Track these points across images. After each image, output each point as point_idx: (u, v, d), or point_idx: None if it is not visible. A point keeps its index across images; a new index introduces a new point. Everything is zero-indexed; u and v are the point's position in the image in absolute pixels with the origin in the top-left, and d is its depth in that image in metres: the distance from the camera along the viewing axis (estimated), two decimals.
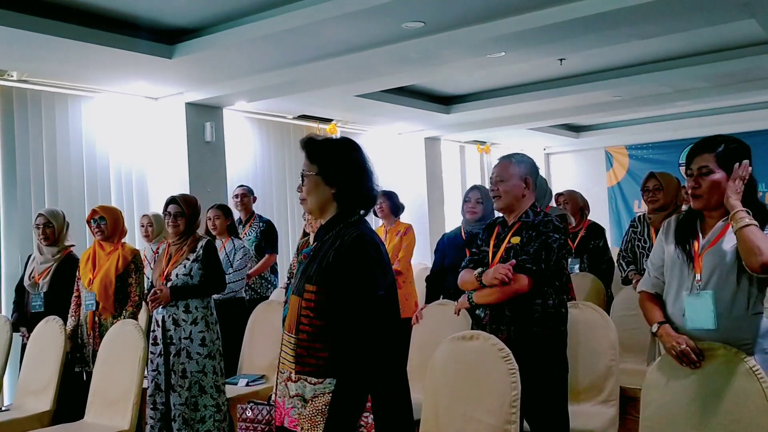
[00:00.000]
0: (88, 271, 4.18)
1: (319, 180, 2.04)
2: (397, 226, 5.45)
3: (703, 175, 2.29)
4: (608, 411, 3.17)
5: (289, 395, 1.97)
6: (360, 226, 2.02)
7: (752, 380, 2.10)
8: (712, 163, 2.28)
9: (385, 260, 2.00)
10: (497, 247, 2.93)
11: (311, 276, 1.98)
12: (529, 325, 2.78)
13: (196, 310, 3.69)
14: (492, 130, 9.45)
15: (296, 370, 1.95)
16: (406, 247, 5.34)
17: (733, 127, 9.90)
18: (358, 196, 2.06)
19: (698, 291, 2.25)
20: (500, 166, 2.98)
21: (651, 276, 2.52)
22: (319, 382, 1.90)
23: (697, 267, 2.28)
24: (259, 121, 7.51)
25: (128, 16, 4.71)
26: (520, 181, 2.92)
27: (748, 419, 2.08)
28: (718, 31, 5.47)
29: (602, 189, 11.97)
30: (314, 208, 2.08)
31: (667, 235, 2.47)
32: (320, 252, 2.01)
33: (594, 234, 5.07)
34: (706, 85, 7.53)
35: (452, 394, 2.66)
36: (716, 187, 2.27)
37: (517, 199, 2.92)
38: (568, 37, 4.89)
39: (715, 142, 2.32)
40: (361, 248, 1.94)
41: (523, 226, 2.90)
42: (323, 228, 2.08)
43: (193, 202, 3.83)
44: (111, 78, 5.62)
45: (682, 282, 2.32)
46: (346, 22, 4.52)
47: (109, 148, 6.14)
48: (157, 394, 3.62)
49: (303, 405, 1.92)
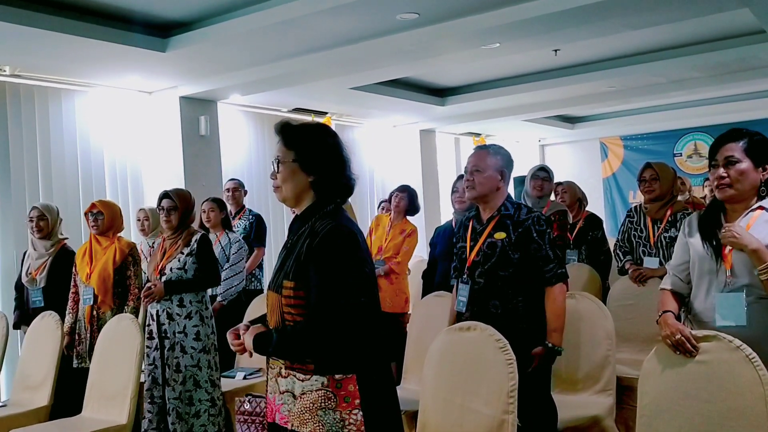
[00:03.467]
0: (86, 266, 4.18)
1: (296, 167, 1.94)
2: (404, 224, 5.37)
3: (731, 164, 2.27)
4: (605, 400, 3.19)
5: (279, 391, 1.93)
6: (336, 216, 1.93)
7: (749, 368, 2.10)
8: (739, 153, 2.27)
9: (363, 250, 1.91)
10: (474, 242, 2.90)
11: (288, 272, 1.91)
12: (514, 321, 2.78)
13: (190, 304, 3.69)
14: (487, 121, 9.44)
15: (286, 365, 1.91)
16: (407, 250, 5.28)
17: (727, 117, 9.93)
18: (335, 185, 1.97)
19: (730, 287, 2.23)
20: (477, 155, 2.93)
21: (671, 275, 2.52)
22: (307, 378, 1.86)
23: (726, 263, 2.26)
24: (254, 114, 7.49)
25: (121, 10, 4.68)
26: (495, 173, 2.87)
27: (744, 408, 2.09)
28: (711, 20, 5.46)
29: (597, 180, 11.98)
30: (290, 197, 1.98)
31: (691, 232, 2.44)
32: (296, 245, 1.94)
33: (592, 225, 5.07)
34: (700, 75, 7.54)
35: (449, 385, 2.67)
36: (745, 175, 2.26)
37: (492, 191, 2.88)
38: (562, 27, 4.88)
39: (740, 134, 2.31)
40: (337, 240, 1.85)
41: (504, 220, 2.85)
42: (298, 219, 2.00)
43: (186, 196, 3.82)
44: (104, 72, 5.60)
45: (713, 278, 2.29)
46: (341, 14, 4.50)
47: (104, 143, 6.11)
48: (155, 388, 3.63)
49: (293, 401, 1.88)
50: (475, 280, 2.85)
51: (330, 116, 8.16)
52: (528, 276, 2.80)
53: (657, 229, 4.13)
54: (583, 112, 10.49)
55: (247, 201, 5.85)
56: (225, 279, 4.65)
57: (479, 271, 2.85)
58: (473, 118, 9.04)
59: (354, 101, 7.52)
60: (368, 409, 1.86)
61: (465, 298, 2.88)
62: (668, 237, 4.03)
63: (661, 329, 2.31)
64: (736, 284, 2.23)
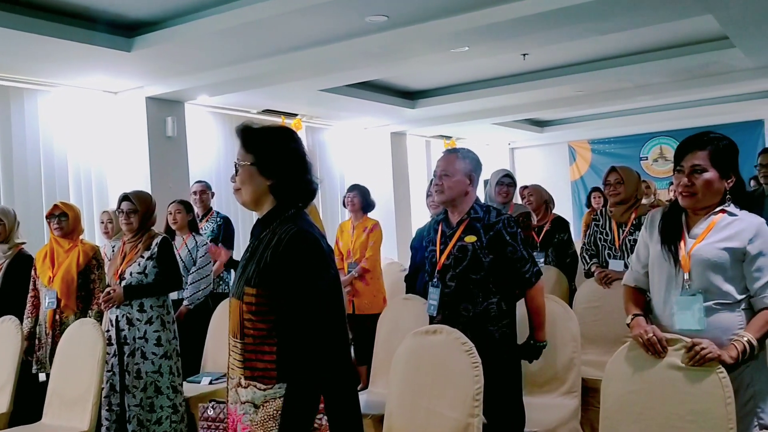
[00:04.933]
0: (47, 269, 4.09)
1: (254, 171, 1.91)
2: (365, 222, 5.46)
3: (696, 173, 2.24)
4: (570, 402, 3.21)
5: (240, 401, 1.89)
6: (297, 221, 1.89)
7: (709, 371, 2.13)
8: (704, 162, 2.24)
9: (326, 254, 1.89)
10: (444, 245, 2.90)
11: (250, 278, 1.87)
12: (485, 324, 2.79)
13: (151, 309, 3.62)
14: (457, 124, 9.48)
15: (245, 375, 1.87)
16: (373, 245, 5.36)
17: (691, 121, 10.13)
18: (296, 189, 1.94)
19: (688, 291, 2.24)
20: (445, 159, 2.93)
21: (633, 270, 2.52)
22: (268, 387, 1.83)
23: (684, 267, 2.25)
24: (223, 115, 7.41)
25: (85, 8, 4.60)
26: (464, 177, 2.88)
27: (705, 410, 2.11)
28: (676, 27, 5.56)
29: (566, 183, 12.12)
30: (248, 201, 1.95)
31: (651, 231, 2.43)
32: (257, 251, 1.90)
33: (559, 228, 5.11)
34: (666, 80, 7.66)
35: (416, 388, 2.66)
36: (710, 185, 2.24)
37: (461, 195, 2.88)
38: (530, 32, 4.91)
39: (707, 140, 2.27)
40: (299, 246, 1.83)
41: (474, 223, 2.86)
42: (259, 224, 1.97)
43: (146, 198, 3.76)
44: (68, 71, 5.49)
45: (671, 282, 2.29)
46: (309, 16, 4.48)
47: (67, 144, 6.00)
48: (113, 395, 3.56)
49: (254, 411, 1.84)
50: (446, 284, 2.85)
51: (300, 118, 8.12)
52: (501, 278, 2.81)
53: (622, 232, 4.18)
54: (552, 116, 10.61)
55: (215, 203, 5.79)
56: (192, 283, 4.60)
57: (450, 274, 2.85)
58: (444, 121, 9.08)
59: (324, 103, 7.49)
60: (332, 413, 1.84)
61: (436, 302, 2.88)
62: (633, 240, 4.07)
63: (633, 330, 2.32)
64: (694, 288, 2.24)
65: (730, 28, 5.24)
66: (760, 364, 2.26)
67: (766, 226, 2.24)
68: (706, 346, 2.14)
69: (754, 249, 2.19)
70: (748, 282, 2.22)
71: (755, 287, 2.20)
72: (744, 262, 2.21)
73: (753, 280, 2.20)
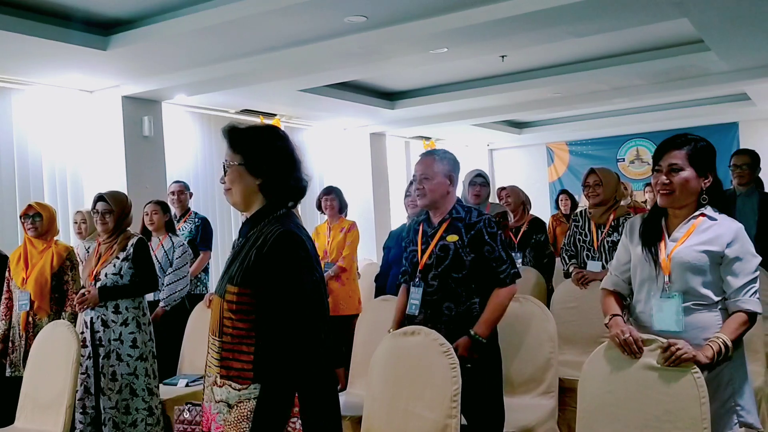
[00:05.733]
0: (21, 270, 4.03)
1: (242, 170, 1.93)
2: (341, 223, 5.47)
3: (674, 172, 2.29)
4: (547, 403, 3.23)
5: (214, 400, 1.89)
6: (286, 221, 1.90)
7: (684, 371, 2.15)
8: (682, 161, 2.28)
9: (312, 257, 1.90)
10: (426, 245, 2.91)
11: (233, 276, 1.87)
12: (467, 323, 2.80)
13: (126, 310, 3.58)
14: (436, 125, 9.51)
15: (221, 374, 1.86)
16: (350, 245, 5.37)
17: (667, 123, 10.25)
18: (285, 188, 1.95)
19: (667, 293, 2.27)
20: (424, 163, 2.94)
21: (612, 275, 2.55)
22: (243, 387, 1.83)
23: (665, 269, 2.29)
24: (200, 115, 7.35)
25: (60, 5, 4.53)
26: (444, 178, 2.90)
27: (679, 409, 2.14)
28: (652, 30, 5.62)
29: (544, 184, 12.20)
30: (239, 201, 1.96)
31: (632, 237, 2.47)
32: (243, 250, 1.91)
33: (536, 229, 5.15)
34: (642, 82, 7.74)
35: (394, 389, 2.66)
36: (687, 183, 2.28)
37: (442, 197, 2.90)
38: (508, 34, 4.94)
39: (685, 140, 2.32)
40: (284, 247, 1.83)
41: (455, 223, 2.88)
42: (248, 222, 1.97)
43: (122, 199, 3.72)
44: (42, 70, 5.40)
45: (652, 283, 2.33)
46: (288, 15, 4.46)
47: (42, 143, 5.90)
48: (87, 398, 3.51)
49: (228, 410, 1.84)
50: (428, 283, 2.86)
51: (279, 118, 8.09)
52: (481, 278, 2.83)
53: (600, 233, 4.22)
54: (530, 118, 10.68)
55: (193, 204, 5.75)
56: (168, 284, 4.55)
57: (432, 273, 2.86)
58: (423, 121, 9.10)
59: (303, 103, 7.46)
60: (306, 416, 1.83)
61: (417, 302, 2.88)
62: (611, 241, 4.11)
63: (610, 330, 2.35)
64: (674, 290, 2.27)
65: (705, 31, 5.31)
66: (739, 363, 2.30)
67: (744, 232, 2.28)
68: (681, 346, 2.17)
69: (731, 253, 2.24)
70: (724, 285, 2.26)
71: (730, 290, 2.25)
72: (721, 265, 2.26)
73: (728, 283, 2.25)
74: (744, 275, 2.23)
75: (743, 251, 2.25)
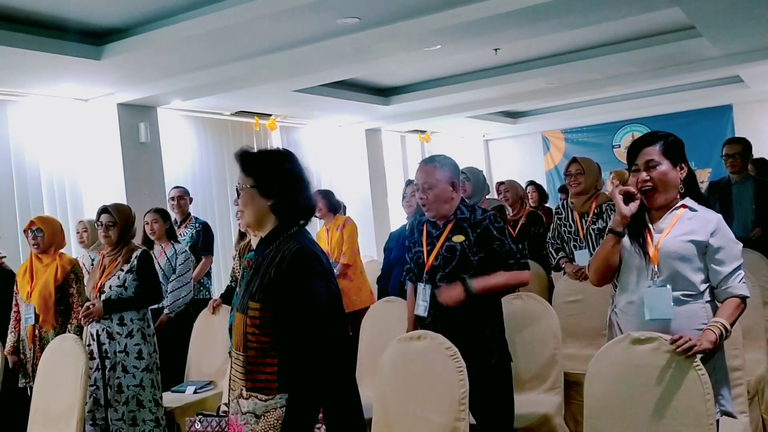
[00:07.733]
0: (26, 284, 4.06)
1: (254, 193, 2.02)
2: (336, 221, 5.53)
3: (651, 168, 2.36)
4: (554, 398, 3.26)
5: (241, 412, 1.96)
6: (300, 238, 2.01)
7: (689, 368, 2.18)
8: (657, 155, 2.36)
9: (328, 271, 2.00)
10: (432, 246, 2.92)
11: (254, 293, 1.97)
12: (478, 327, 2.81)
13: (131, 322, 3.61)
14: (431, 119, 9.51)
15: (247, 387, 1.94)
16: (348, 239, 5.39)
17: (661, 108, 10.27)
18: (295, 207, 2.05)
19: (657, 283, 2.32)
20: (425, 172, 2.92)
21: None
22: (269, 398, 1.90)
23: (653, 259, 2.35)
24: (196, 118, 7.35)
25: (52, 17, 4.53)
26: (447, 185, 2.90)
27: (686, 407, 2.17)
28: (644, 19, 5.63)
29: (540, 173, 12.20)
30: (252, 222, 2.06)
31: None
32: (261, 267, 2.00)
33: (534, 221, 5.19)
34: (635, 70, 7.76)
35: (402, 394, 2.69)
36: (666, 176, 2.35)
37: (447, 202, 2.91)
38: (501, 28, 4.95)
39: (655, 137, 2.40)
40: (301, 262, 1.94)
41: (461, 223, 2.89)
42: (263, 242, 2.06)
43: (126, 211, 3.73)
44: (37, 81, 5.40)
45: (641, 274, 2.38)
46: (280, 19, 4.46)
47: (39, 154, 5.90)
48: (97, 410, 3.54)
49: (256, 421, 1.92)
50: (436, 285, 2.86)
51: (274, 118, 8.09)
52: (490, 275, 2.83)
53: (585, 222, 4.24)
54: (525, 107, 10.67)
55: (192, 208, 5.75)
56: (172, 291, 4.58)
57: (440, 274, 2.86)
58: (418, 116, 9.10)
59: (298, 103, 7.47)
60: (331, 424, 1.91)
61: (427, 303, 2.88)
62: (596, 229, 4.14)
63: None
64: (663, 279, 2.33)
65: (697, 18, 5.34)
66: (720, 355, 2.37)
67: (723, 221, 2.36)
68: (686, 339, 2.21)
69: (716, 242, 2.31)
70: (711, 273, 2.33)
71: (718, 278, 2.32)
72: (706, 254, 2.33)
73: (715, 271, 2.32)
74: (730, 262, 2.31)
75: (726, 239, 2.33)
